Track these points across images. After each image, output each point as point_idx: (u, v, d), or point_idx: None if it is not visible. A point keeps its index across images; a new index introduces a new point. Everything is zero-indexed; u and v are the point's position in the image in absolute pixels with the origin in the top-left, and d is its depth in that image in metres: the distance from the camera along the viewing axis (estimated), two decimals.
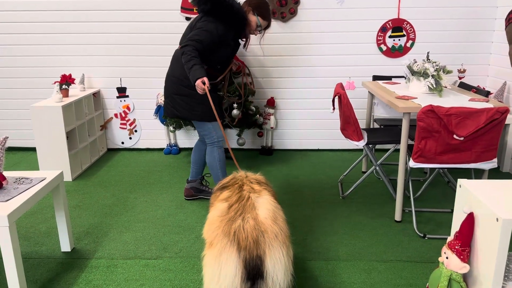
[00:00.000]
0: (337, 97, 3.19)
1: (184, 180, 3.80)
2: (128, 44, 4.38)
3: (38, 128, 3.64)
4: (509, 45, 3.91)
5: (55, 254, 2.61)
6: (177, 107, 2.94)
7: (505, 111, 2.47)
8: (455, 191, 3.43)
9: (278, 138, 4.62)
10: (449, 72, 3.16)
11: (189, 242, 2.74)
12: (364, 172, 3.94)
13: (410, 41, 4.33)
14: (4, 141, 2.22)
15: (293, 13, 4.24)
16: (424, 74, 3.14)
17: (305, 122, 4.55)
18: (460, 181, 1.61)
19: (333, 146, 4.61)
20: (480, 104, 2.79)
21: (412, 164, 2.72)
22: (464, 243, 1.46)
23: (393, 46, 4.34)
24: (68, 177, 3.78)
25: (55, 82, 3.90)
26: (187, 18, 4.30)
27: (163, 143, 4.67)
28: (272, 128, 4.44)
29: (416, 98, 2.99)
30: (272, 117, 4.42)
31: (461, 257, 1.46)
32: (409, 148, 2.94)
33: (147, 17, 4.29)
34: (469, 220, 1.46)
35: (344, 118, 3.12)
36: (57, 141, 3.67)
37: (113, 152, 4.61)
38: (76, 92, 4.21)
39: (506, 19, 3.94)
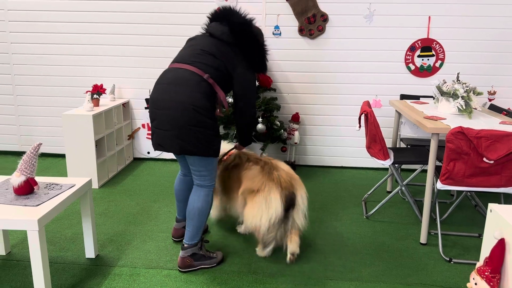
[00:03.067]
0: (363, 115, 3.18)
1: None
2: (157, 57, 4.48)
3: (69, 135, 3.75)
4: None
5: (80, 260, 2.66)
6: (191, 141, 2.27)
7: None
8: (482, 215, 3.35)
9: (301, 154, 4.61)
10: (479, 93, 3.12)
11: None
12: (389, 192, 3.88)
13: (439, 61, 4.28)
14: (37, 147, 2.29)
15: (321, 30, 4.27)
16: (453, 95, 3.09)
17: (329, 139, 4.53)
18: (491, 206, 1.58)
19: (357, 164, 4.57)
20: (511, 127, 2.73)
21: (439, 186, 2.67)
22: (494, 270, 1.43)
23: (421, 65, 4.30)
24: (95, 185, 3.86)
25: (87, 92, 4.02)
26: None
27: None
28: (296, 143, 4.44)
29: (445, 119, 2.95)
30: (296, 133, 4.42)
31: (491, 284, 1.42)
32: (437, 169, 2.89)
33: (175, 31, 4.39)
34: (500, 246, 1.42)
35: (370, 137, 3.10)
36: (86, 149, 3.76)
37: (139, 162, 4.69)
38: (106, 101, 4.33)
39: None
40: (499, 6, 4.09)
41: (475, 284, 1.47)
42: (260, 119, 3.99)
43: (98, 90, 4.07)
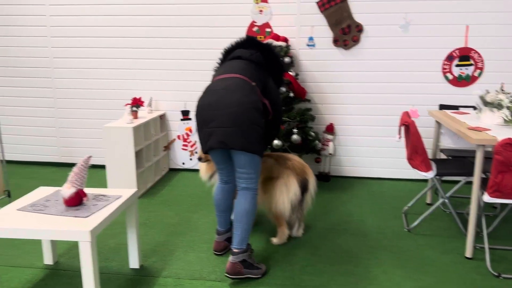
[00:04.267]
0: (403, 125, 3.14)
1: None
2: (193, 70, 4.56)
3: (109, 147, 3.84)
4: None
5: (124, 270, 2.71)
6: (251, 139, 2.42)
7: None
8: None
9: (336, 165, 4.58)
10: None
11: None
12: (429, 204, 3.80)
13: (478, 70, 4.19)
14: (88, 160, 2.36)
15: (356, 41, 4.26)
16: (498, 105, 3.02)
17: (364, 150, 4.49)
18: None
19: (393, 175, 4.50)
20: None
21: (487, 199, 2.60)
22: None
23: (460, 75, 4.23)
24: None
25: (126, 105, 4.12)
26: None
27: None
28: (330, 154, 4.42)
29: (490, 130, 2.88)
30: (330, 143, 4.40)
31: None
32: (482, 181, 2.82)
33: (211, 45, 4.47)
34: None
35: (411, 148, 3.05)
36: (126, 160, 3.85)
37: (174, 172, 4.76)
38: (144, 114, 4.42)
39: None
40: None
41: None
42: (295, 130, 3.99)
43: (137, 103, 4.16)
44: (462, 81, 4.24)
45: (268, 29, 4.37)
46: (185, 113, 4.72)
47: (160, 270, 2.70)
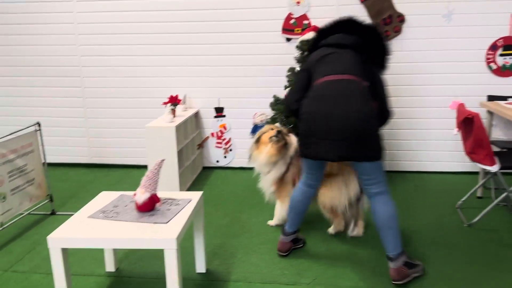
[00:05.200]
0: (465, 118, 3.05)
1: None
2: (227, 65, 4.45)
3: (152, 146, 3.74)
4: None
5: (191, 275, 2.61)
6: (373, 147, 2.30)
7: None
8: None
9: None
10: None
11: (321, 268, 2.66)
12: (479, 197, 3.73)
13: None
14: (161, 164, 2.26)
15: (398, 31, 4.15)
16: None
17: (405, 143, 4.40)
18: None
19: (436, 168, 4.41)
20: None
21: None
22: None
23: (504, 64, 4.13)
24: None
25: (165, 103, 4.01)
26: (288, 39, 4.31)
27: None
28: None
29: None
30: None
31: None
32: None
33: (246, 39, 4.35)
34: None
35: (475, 141, 2.96)
36: (168, 160, 3.74)
37: (209, 171, 4.66)
38: (179, 112, 4.31)
39: None
40: None
41: None
42: None
43: (174, 101, 4.05)
44: (506, 71, 4.15)
45: (306, 21, 4.26)
46: (219, 110, 4.61)
47: (228, 274, 2.61)
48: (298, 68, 3.96)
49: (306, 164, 2.63)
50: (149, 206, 2.25)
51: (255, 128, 4.55)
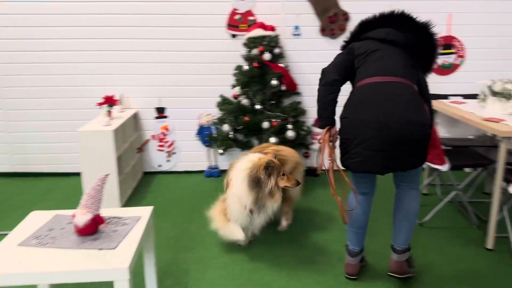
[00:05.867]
0: None
1: None
2: (168, 62, 4.14)
3: (86, 153, 3.35)
4: None
5: None
6: (422, 155, 2.16)
7: None
8: None
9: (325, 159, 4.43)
10: None
11: (284, 281, 2.51)
12: (425, 194, 3.80)
13: (460, 59, 4.26)
14: (104, 179, 1.96)
15: (343, 30, 4.11)
16: (507, 95, 3.03)
17: None
18: None
19: None
20: None
21: None
22: None
23: (443, 63, 4.26)
24: (118, 205, 3.49)
25: (99, 104, 3.63)
26: (233, 36, 4.10)
27: (202, 165, 4.42)
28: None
29: (505, 120, 2.88)
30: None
31: None
32: (493, 171, 2.82)
33: (188, 34, 4.07)
34: None
35: None
36: (107, 167, 3.38)
37: (150, 176, 4.33)
38: (115, 113, 3.93)
39: None
40: None
41: None
42: (289, 126, 3.78)
43: (110, 102, 3.68)
44: (444, 70, 4.28)
45: (251, 17, 4.07)
46: (160, 111, 4.29)
47: None
48: (246, 67, 3.78)
49: (353, 176, 2.37)
50: (92, 229, 1.94)
51: (201, 130, 4.31)
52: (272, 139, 3.63)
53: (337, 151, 2.32)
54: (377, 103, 2.08)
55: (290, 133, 3.73)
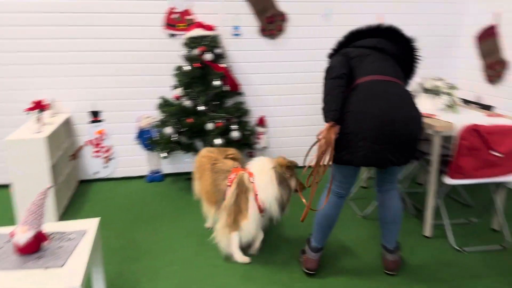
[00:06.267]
0: None
1: (189, 210, 3.48)
2: (102, 63, 3.93)
3: (16, 163, 3.08)
4: (482, 61, 4.24)
5: None
6: (414, 150, 2.28)
7: None
8: (460, 202, 3.58)
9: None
10: (455, 88, 3.32)
11: (240, 282, 2.48)
12: (364, 187, 3.96)
13: None
14: (46, 192, 1.80)
15: (281, 30, 4.16)
16: (437, 92, 3.25)
17: (298, 140, 4.47)
18: None
19: None
20: (499, 121, 2.95)
21: (450, 181, 2.78)
22: None
23: None
24: (53, 218, 3.25)
25: (27, 110, 3.35)
26: (171, 35, 3.99)
27: (143, 170, 4.26)
28: (264, 147, 4.29)
29: (436, 115, 3.08)
30: (263, 136, 4.27)
31: None
32: (426, 162, 3.02)
33: (123, 33, 3.89)
34: None
35: None
36: (39, 177, 3.13)
37: (87, 184, 4.09)
38: (46, 119, 3.66)
39: (478, 37, 4.28)
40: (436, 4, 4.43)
41: None
42: (234, 126, 3.75)
43: (40, 107, 3.41)
44: None
45: (189, 17, 3.99)
46: (95, 114, 4.06)
47: None
48: (187, 67, 3.69)
49: (341, 172, 2.37)
50: (34, 247, 1.78)
51: (141, 133, 4.14)
52: (218, 141, 3.59)
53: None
54: (382, 98, 2.15)
55: (235, 134, 3.70)
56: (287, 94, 4.33)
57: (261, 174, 2.59)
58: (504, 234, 3.03)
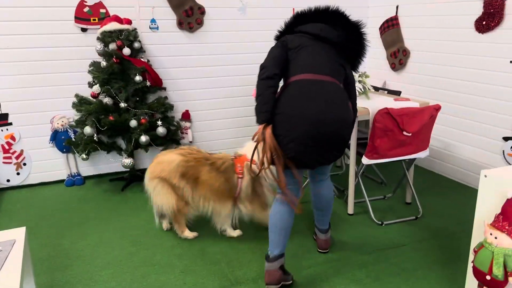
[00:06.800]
0: None
1: (117, 211, 3.36)
2: (8, 61, 3.61)
3: None
4: (386, 51, 4.64)
5: None
6: (343, 149, 2.31)
7: (439, 108, 2.98)
8: (374, 180, 3.90)
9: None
10: (367, 76, 3.60)
11: (180, 278, 2.48)
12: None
13: None
14: None
15: (200, 23, 4.16)
16: None
17: (224, 133, 4.51)
18: (485, 172, 1.93)
19: None
20: (406, 104, 3.27)
21: (366, 161, 3.02)
22: (510, 223, 1.77)
23: None
24: None
25: None
26: (83, 30, 3.78)
27: (61, 174, 4.01)
28: (191, 142, 4.28)
29: None
30: (189, 131, 4.25)
31: (511, 235, 1.76)
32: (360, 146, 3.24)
33: (31, 29, 3.61)
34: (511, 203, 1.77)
35: None
36: None
37: None
38: None
39: (380, 28, 4.66)
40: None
41: (495, 238, 1.80)
42: (159, 122, 3.69)
43: None
44: None
45: (102, 10, 3.81)
46: (2, 117, 3.73)
47: None
48: (103, 63, 3.54)
49: (288, 175, 2.31)
50: None
51: (56, 135, 3.88)
52: (143, 138, 3.50)
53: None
54: (313, 99, 2.12)
55: (161, 130, 3.64)
56: (210, 87, 4.34)
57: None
58: (416, 206, 3.38)
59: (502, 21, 3.39)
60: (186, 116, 4.24)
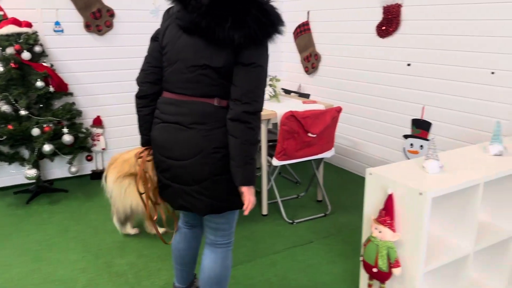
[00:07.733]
0: None
1: (18, 226, 3.15)
2: None
3: None
4: (300, 55, 4.80)
5: None
6: (217, 196, 1.72)
7: (340, 110, 3.14)
8: (290, 180, 4.03)
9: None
10: (277, 80, 3.69)
11: (69, 270, 2.39)
12: None
13: None
14: None
15: (110, 26, 4.03)
16: None
17: (139, 138, 4.39)
18: (370, 170, 2.05)
19: None
20: (313, 106, 3.41)
21: (276, 163, 3.11)
22: (391, 217, 1.90)
23: None
24: None
25: None
26: None
27: None
28: (103, 149, 4.12)
29: None
30: (101, 137, 4.10)
31: (393, 228, 1.89)
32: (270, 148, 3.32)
33: None
34: (392, 199, 1.90)
35: None
36: None
37: None
38: None
39: (294, 32, 4.81)
40: None
41: (379, 232, 1.92)
42: (65, 130, 3.52)
43: None
44: None
45: (0, 12, 3.56)
46: None
47: None
48: (1, 68, 3.31)
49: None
50: None
51: None
52: (47, 147, 3.32)
53: None
54: (169, 126, 1.73)
55: (67, 138, 3.47)
56: (122, 92, 4.21)
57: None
58: (325, 203, 3.54)
59: (399, 26, 3.64)
60: (97, 122, 4.08)
